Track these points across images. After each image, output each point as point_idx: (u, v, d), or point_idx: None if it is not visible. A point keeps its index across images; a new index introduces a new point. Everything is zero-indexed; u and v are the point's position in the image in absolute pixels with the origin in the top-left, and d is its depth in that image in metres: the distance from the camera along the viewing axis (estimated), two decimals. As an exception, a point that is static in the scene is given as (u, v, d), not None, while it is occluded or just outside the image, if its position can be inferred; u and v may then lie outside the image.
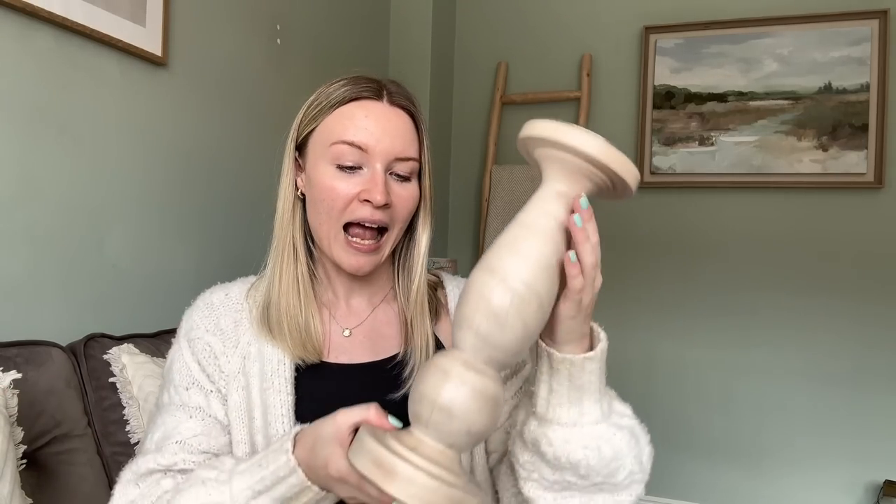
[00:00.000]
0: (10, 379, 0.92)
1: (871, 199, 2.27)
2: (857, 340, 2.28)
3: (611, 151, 0.54)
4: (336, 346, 0.81)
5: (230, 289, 0.85)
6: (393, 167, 0.75)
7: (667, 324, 2.49)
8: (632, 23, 2.55)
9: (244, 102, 1.72)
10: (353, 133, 0.74)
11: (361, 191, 0.74)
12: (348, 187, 0.74)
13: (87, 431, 1.04)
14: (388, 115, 0.76)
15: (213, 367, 0.79)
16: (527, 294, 0.55)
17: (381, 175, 0.74)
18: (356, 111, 0.75)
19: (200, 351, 0.79)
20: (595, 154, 0.54)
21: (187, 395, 0.77)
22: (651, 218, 2.52)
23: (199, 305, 0.83)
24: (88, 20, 1.22)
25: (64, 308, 1.23)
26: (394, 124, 0.75)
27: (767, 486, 2.36)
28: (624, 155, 0.55)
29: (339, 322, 0.83)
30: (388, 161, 0.74)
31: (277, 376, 0.77)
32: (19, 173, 1.14)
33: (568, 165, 0.56)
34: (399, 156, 0.75)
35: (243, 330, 0.81)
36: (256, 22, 1.77)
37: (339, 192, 0.74)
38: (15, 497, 0.84)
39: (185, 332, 0.82)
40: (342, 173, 0.74)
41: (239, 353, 0.79)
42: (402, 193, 0.76)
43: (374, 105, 0.76)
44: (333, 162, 0.75)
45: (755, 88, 2.38)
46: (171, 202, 1.49)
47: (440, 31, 2.65)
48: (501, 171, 2.63)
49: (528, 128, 0.58)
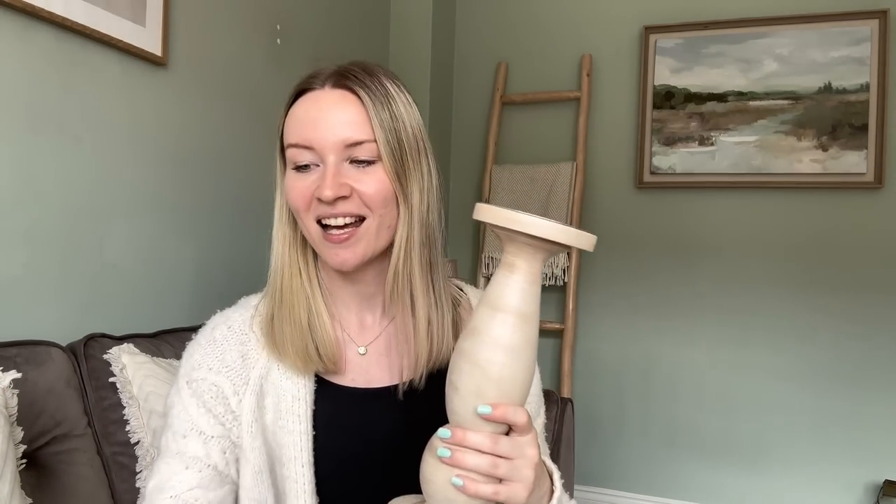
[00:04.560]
0: (10, 379, 0.91)
1: (871, 199, 2.27)
2: (857, 340, 2.28)
3: (565, 231, 0.55)
4: (353, 367, 0.77)
5: (231, 318, 0.78)
6: (348, 155, 0.70)
7: (666, 324, 2.49)
8: (632, 23, 2.55)
9: (244, 102, 1.72)
10: (297, 133, 0.70)
11: (317, 188, 0.69)
12: (304, 187, 0.70)
13: (87, 431, 1.04)
14: (330, 103, 0.70)
15: (222, 408, 0.74)
16: None
17: (333, 168, 0.69)
18: (299, 108, 0.72)
19: (206, 392, 0.74)
20: (552, 237, 0.55)
21: (185, 443, 0.72)
22: (651, 218, 2.52)
23: (201, 342, 0.77)
24: (88, 20, 1.22)
25: (64, 308, 1.23)
26: (338, 111, 0.70)
27: (767, 486, 2.36)
28: (572, 229, 0.55)
29: (354, 339, 0.79)
30: (338, 150, 0.69)
31: (292, 414, 0.73)
32: (19, 173, 1.14)
33: (528, 247, 0.57)
34: (348, 142, 0.69)
35: (252, 363, 0.75)
36: (256, 22, 1.77)
37: (297, 194, 0.71)
38: (15, 497, 0.83)
39: (186, 373, 0.76)
40: (299, 174, 0.71)
41: (251, 391, 0.74)
42: (363, 179, 0.70)
43: (316, 96, 0.71)
44: (291, 165, 0.72)
45: (755, 88, 2.38)
46: (172, 202, 1.49)
47: (440, 31, 2.65)
48: (501, 171, 2.63)
49: (484, 213, 0.58)
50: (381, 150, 0.69)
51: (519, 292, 0.57)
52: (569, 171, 2.51)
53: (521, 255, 0.57)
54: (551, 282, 2.50)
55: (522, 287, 0.57)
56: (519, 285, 0.57)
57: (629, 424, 2.54)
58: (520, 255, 0.57)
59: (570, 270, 2.49)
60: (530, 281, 0.57)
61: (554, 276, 2.50)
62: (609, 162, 2.59)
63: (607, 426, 2.55)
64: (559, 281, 2.49)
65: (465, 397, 0.58)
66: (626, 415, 2.54)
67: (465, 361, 0.58)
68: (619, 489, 2.53)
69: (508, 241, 0.57)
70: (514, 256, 0.57)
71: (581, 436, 2.43)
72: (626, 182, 2.57)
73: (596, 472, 2.55)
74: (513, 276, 0.57)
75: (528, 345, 0.57)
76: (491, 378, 0.56)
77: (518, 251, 0.57)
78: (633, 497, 2.52)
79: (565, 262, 2.48)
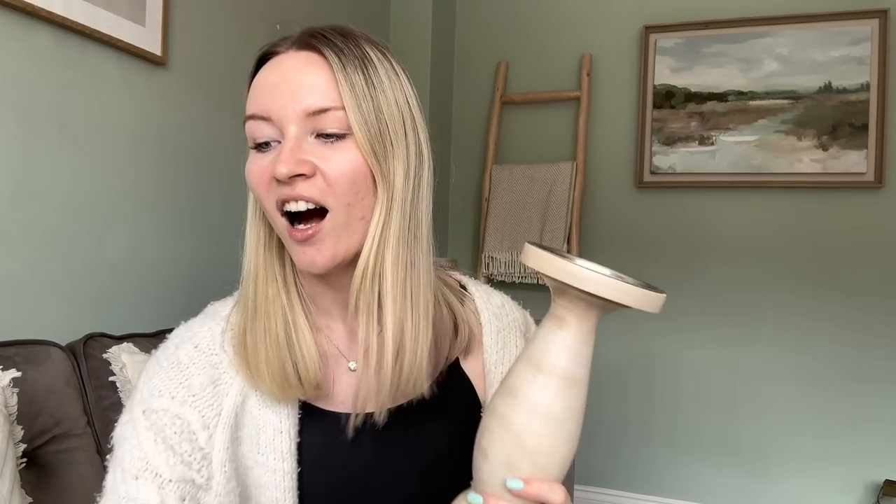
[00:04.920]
0: (10, 378, 0.92)
1: (871, 198, 2.27)
2: (857, 340, 2.27)
3: (627, 291, 0.47)
4: (343, 388, 0.65)
5: (199, 335, 0.64)
6: (312, 126, 0.58)
7: (667, 323, 2.49)
8: (632, 22, 2.55)
9: (244, 103, 1.72)
10: (254, 103, 0.60)
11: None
12: (262, 167, 0.59)
13: (86, 430, 1.04)
14: (293, 66, 0.59)
15: (188, 446, 0.59)
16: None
17: (292, 141, 0.57)
18: (260, 76, 0.62)
19: (168, 426, 0.59)
20: (613, 297, 0.47)
21: (135, 487, 0.57)
22: (651, 218, 2.52)
23: (163, 364, 0.63)
24: (88, 20, 1.22)
25: (63, 307, 1.23)
26: (300, 74, 0.58)
27: (767, 486, 2.36)
28: (636, 289, 0.47)
29: (344, 353, 0.66)
30: (300, 120, 0.57)
31: (273, 450, 0.61)
32: (19, 173, 1.14)
33: (582, 302, 0.50)
34: (310, 109, 0.57)
35: (224, 389, 0.62)
36: (256, 22, 1.77)
37: (254, 175, 0.60)
38: (14, 496, 0.84)
39: (144, 400, 0.61)
40: (259, 154, 0.61)
41: (223, 424, 0.60)
42: (329, 156, 0.57)
43: (279, 60, 0.61)
44: (251, 143, 0.62)
45: (755, 88, 2.38)
46: (171, 202, 1.49)
47: (440, 31, 2.65)
48: (501, 171, 2.63)
49: (534, 259, 0.50)
50: (352, 119, 0.57)
51: (566, 351, 0.50)
52: (569, 171, 2.51)
53: (572, 310, 0.50)
54: (551, 281, 2.50)
55: (571, 346, 0.50)
56: (567, 344, 0.50)
57: (630, 424, 2.54)
58: (571, 311, 0.50)
59: (570, 270, 2.49)
60: (581, 340, 0.50)
61: (554, 275, 2.49)
62: (609, 161, 2.59)
63: (608, 426, 2.55)
64: (559, 280, 2.49)
65: (494, 467, 0.51)
66: (626, 415, 2.54)
67: (497, 425, 0.51)
68: (620, 489, 2.53)
69: (559, 293, 0.50)
70: (564, 310, 0.50)
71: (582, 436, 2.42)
72: (626, 182, 2.57)
73: (596, 473, 2.55)
74: (561, 332, 0.50)
75: (572, 414, 0.50)
76: (526, 449, 0.49)
77: (570, 305, 0.50)
78: (634, 497, 2.52)
79: (565, 262, 2.48)
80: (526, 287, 2.60)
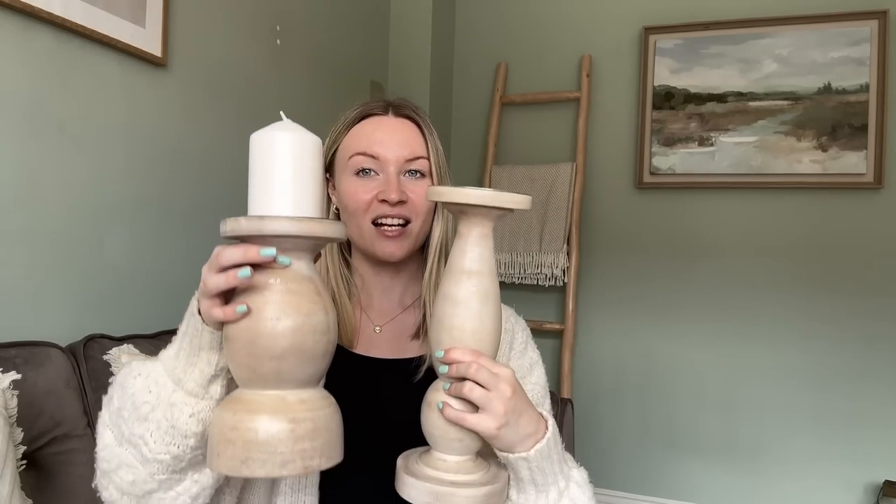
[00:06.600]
0: (10, 380, 0.92)
1: (871, 199, 2.28)
2: (856, 340, 2.28)
3: (499, 195, 0.63)
4: (365, 340, 0.90)
5: None
6: (405, 167, 0.86)
7: (666, 324, 2.49)
8: (631, 23, 2.55)
9: (244, 103, 1.72)
10: (365, 144, 0.85)
11: (379, 192, 0.84)
12: (367, 190, 0.85)
13: (86, 432, 1.04)
14: (395, 126, 0.87)
15: None
16: None
17: (395, 177, 0.84)
18: (367, 126, 0.87)
19: None
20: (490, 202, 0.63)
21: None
22: (650, 218, 2.53)
23: None
24: (88, 21, 1.22)
25: (64, 309, 1.23)
26: (400, 132, 0.87)
27: (767, 486, 2.36)
28: (502, 192, 0.63)
29: (372, 319, 0.92)
30: (399, 164, 0.85)
31: None
32: (19, 174, 1.14)
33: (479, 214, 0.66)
34: (408, 157, 0.86)
35: None
36: (256, 22, 1.77)
37: (360, 195, 0.85)
38: (15, 497, 0.84)
39: None
40: (361, 179, 0.85)
41: None
42: (415, 189, 0.86)
43: (382, 119, 0.88)
44: (353, 171, 0.86)
45: (755, 89, 2.38)
46: (171, 203, 1.49)
47: (440, 32, 2.65)
48: (501, 171, 2.63)
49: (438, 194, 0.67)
50: (432, 166, 0.88)
51: (461, 253, 0.67)
52: (569, 172, 2.51)
53: (463, 221, 0.67)
54: (551, 282, 2.50)
55: (465, 249, 0.66)
56: (463, 247, 0.67)
57: (629, 424, 2.54)
58: (462, 222, 0.67)
59: (569, 271, 2.49)
60: (472, 243, 0.66)
61: (554, 276, 2.50)
62: (609, 162, 2.59)
63: (607, 426, 2.55)
64: (559, 281, 2.49)
65: (432, 349, 0.68)
66: (625, 415, 2.54)
67: (432, 320, 0.69)
68: (620, 489, 2.53)
69: (456, 213, 0.68)
70: (459, 224, 0.68)
71: (581, 436, 2.43)
72: (626, 182, 2.57)
73: (596, 473, 2.52)
74: (459, 240, 0.67)
75: (473, 297, 0.65)
76: (443, 326, 0.66)
77: (462, 218, 0.67)
78: (633, 497, 2.52)
79: (565, 263, 2.48)
80: (526, 287, 2.60)
